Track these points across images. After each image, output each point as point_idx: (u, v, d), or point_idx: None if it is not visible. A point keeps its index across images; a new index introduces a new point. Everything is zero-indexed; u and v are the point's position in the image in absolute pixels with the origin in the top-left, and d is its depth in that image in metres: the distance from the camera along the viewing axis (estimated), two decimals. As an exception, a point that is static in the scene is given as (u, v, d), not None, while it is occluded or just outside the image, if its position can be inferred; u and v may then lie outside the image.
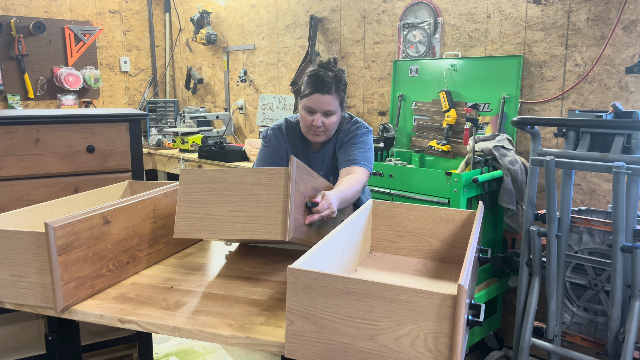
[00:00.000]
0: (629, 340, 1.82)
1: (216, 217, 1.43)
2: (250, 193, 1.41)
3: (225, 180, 1.43)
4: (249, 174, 1.41)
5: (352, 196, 1.69)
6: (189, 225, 1.45)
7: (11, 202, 2.15)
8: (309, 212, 1.48)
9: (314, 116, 1.81)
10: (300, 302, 1.05)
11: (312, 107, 1.81)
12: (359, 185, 1.73)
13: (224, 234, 1.43)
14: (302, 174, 1.45)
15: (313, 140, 1.91)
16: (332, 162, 1.97)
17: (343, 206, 1.65)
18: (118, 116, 2.36)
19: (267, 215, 1.39)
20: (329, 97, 1.79)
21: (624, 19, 2.31)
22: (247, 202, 1.41)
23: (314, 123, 1.81)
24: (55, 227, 1.26)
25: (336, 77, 1.81)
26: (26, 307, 1.37)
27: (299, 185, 1.42)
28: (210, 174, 1.44)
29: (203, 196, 1.44)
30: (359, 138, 1.89)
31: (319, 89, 1.78)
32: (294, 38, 3.91)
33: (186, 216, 1.45)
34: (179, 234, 1.46)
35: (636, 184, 1.87)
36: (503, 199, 2.47)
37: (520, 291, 2.18)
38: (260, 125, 4.17)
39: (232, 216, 1.42)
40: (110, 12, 4.82)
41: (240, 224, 1.41)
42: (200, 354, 2.78)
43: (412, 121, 3.08)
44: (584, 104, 2.47)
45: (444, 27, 2.97)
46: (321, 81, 1.78)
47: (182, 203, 1.46)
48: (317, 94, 1.78)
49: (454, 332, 0.95)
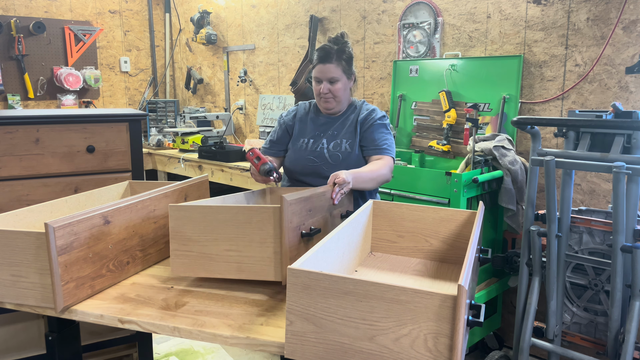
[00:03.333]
0: (629, 340, 1.82)
1: (211, 255, 1.39)
2: (243, 232, 1.36)
3: (216, 218, 1.37)
4: (240, 212, 1.36)
5: (370, 178, 1.85)
6: (184, 263, 1.41)
7: (11, 202, 2.15)
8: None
9: (320, 85, 2.00)
10: (300, 302, 1.05)
11: (317, 76, 2.00)
12: (384, 170, 1.91)
13: (221, 273, 1.40)
14: (295, 208, 1.38)
15: (325, 107, 2.05)
16: (352, 131, 2.04)
17: (360, 186, 1.79)
18: (118, 116, 2.36)
19: (261, 256, 1.35)
20: (331, 66, 1.97)
21: (624, 19, 2.31)
22: (241, 241, 1.36)
23: (321, 90, 1.99)
24: (56, 227, 1.26)
25: (339, 49, 1.99)
26: (26, 307, 1.37)
27: (292, 222, 1.36)
28: (200, 211, 1.38)
29: (195, 234, 1.39)
30: (380, 124, 2.04)
31: (322, 59, 1.98)
32: (294, 38, 3.91)
33: (181, 254, 1.41)
34: (176, 273, 1.43)
35: (636, 184, 1.87)
36: (503, 199, 2.47)
37: (520, 291, 2.18)
38: (260, 125, 4.17)
39: (228, 255, 1.38)
40: (110, 12, 4.82)
41: (236, 263, 1.38)
42: (200, 354, 2.78)
43: (412, 121, 3.08)
44: (584, 104, 2.47)
45: (444, 27, 2.97)
46: (324, 52, 1.98)
47: (175, 240, 1.41)
48: (320, 64, 1.98)
49: (454, 333, 0.95)
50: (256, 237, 1.35)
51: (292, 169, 2.07)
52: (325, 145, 2.02)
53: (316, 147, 2.02)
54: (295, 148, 2.07)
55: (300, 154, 2.04)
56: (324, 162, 1.99)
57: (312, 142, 2.04)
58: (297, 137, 2.08)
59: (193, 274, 1.43)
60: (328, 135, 2.04)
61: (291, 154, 2.07)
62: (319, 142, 2.03)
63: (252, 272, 1.37)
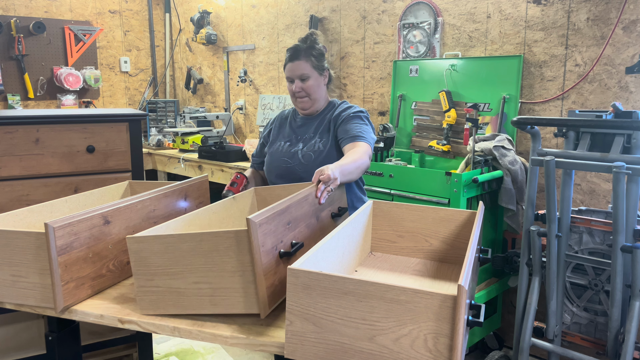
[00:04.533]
0: (629, 340, 1.82)
1: (180, 290, 1.25)
2: (212, 262, 1.21)
3: (179, 248, 1.22)
4: (204, 239, 1.20)
5: (355, 167, 1.75)
6: (152, 300, 1.28)
7: (11, 202, 2.15)
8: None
9: (293, 84, 1.99)
10: (300, 302, 1.05)
11: (289, 75, 1.99)
12: (364, 157, 1.80)
13: (193, 309, 1.25)
14: (268, 227, 1.22)
15: (301, 108, 2.02)
16: (327, 129, 1.99)
17: (347, 178, 1.70)
18: (118, 116, 2.36)
19: (236, 287, 1.21)
20: (300, 63, 1.95)
21: (624, 19, 2.31)
22: (210, 272, 1.21)
23: (294, 89, 1.98)
24: (55, 227, 1.26)
25: (308, 46, 1.98)
26: (26, 307, 1.37)
27: (265, 245, 1.20)
28: (161, 241, 1.24)
29: (160, 267, 1.25)
30: (354, 115, 1.97)
31: (291, 58, 1.98)
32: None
33: (147, 290, 1.27)
34: (144, 311, 1.29)
35: (636, 184, 1.87)
36: (503, 199, 2.47)
37: (520, 291, 2.18)
38: (260, 125, 4.17)
39: (197, 289, 1.23)
40: (110, 12, 4.82)
41: (209, 297, 1.23)
42: (200, 354, 2.78)
43: (412, 121, 3.08)
44: (584, 104, 2.47)
45: (444, 27, 2.97)
46: (293, 51, 1.99)
47: (138, 276, 1.27)
48: (289, 63, 1.98)
49: (454, 333, 0.95)
50: (227, 266, 1.20)
51: (268, 173, 2.04)
52: (300, 147, 1.98)
53: (290, 149, 1.99)
54: (270, 151, 2.04)
55: (274, 157, 2.01)
56: (297, 163, 1.94)
57: (287, 145, 2.01)
58: (274, 142, 2.06)
59: (163, 311, 1.28)
60: (304, 139, 2.00)
61: (267, 157, 2.05)
62: (295, 146, 1.99)
63: (228, 305, 1.22)
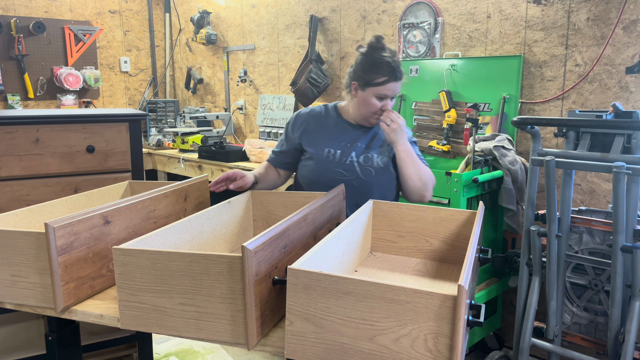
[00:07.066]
0: (629, 340, 1.82)
1: (165, 310, 1.20)
2: (200, 285, 1.16)
3: (167, 266, 1.17)
4: (194, 260, 1.15)
5: (419, 166, 1.81)
6: (135, 316, 1.23)
7: (11, 202, 2.15)
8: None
9: (383, 102, 1.82)
10: (300, 302, 1.05)
11: (386, 93, 1.80)
12: (431, 178, 1.86)
13: (178, 331, 1.21)
14: (263, 255, 1.16)
15: (373, 124, 1.89)
16: (385, 147, 1.92)
17: (405, 162, 1.78)
18: (118, 116, 2.36)
19: (223, 314, 1.15)
20: (400, 83, 1.81)
21: (624, 19, 2.31)
22: (197, 295, 1.16)
23: (382, 108, 1.82)
24: (56, 227, 1.26)
25: (399, 61, 1.81)
26: (26, 307, 1.37)
27: (259, 273, 1.14)
28: (148, 257, 1.19)
29: (145, 283, 1.20)
30: (413, 141, 1.93)
31: (395, 77, 1.78)
32: (294, 38, 3.91)
33: (130, 305, 1.23)
34: (125, 325, 1.25)
35: (636, 184, 1.87)
36: (503, 199, 2.47)
37: (520, 291, 2.18)
38: (260, 125, 4.17)
39: (183, 310, 1.19)
40: (110, 12, 4.82)
41: (194, 320, 1.18)
42: (200, 354, 2.78)
43: (412, 121, 3.08)
44: (584, 104, 2.47)
45: (444, 27, 2.97)
46: (393, 68, 1.78)
47: (122, 290, 1.23)
48: (393, 82, 1.78)
49: (454, 333, 0.95)
50: (216, 291, 1.15)
51: (315, 180, 1.88)
52: (355, 158, 1.86)
53: (345, 160, 1.86)
54: (319, 159, 1.88)
55: (326, 166, 1.87)
56: (354, 178, 1.84)
57: (339, 154, 1.87)
58: (320, 146, 1.90)
59: (145, 328, 1.23)
60: (356, 147, 1.88)
61: (313, 164, 1.89)
62: (348, 155, 1.87)
63: (213, 332, 1.17)
